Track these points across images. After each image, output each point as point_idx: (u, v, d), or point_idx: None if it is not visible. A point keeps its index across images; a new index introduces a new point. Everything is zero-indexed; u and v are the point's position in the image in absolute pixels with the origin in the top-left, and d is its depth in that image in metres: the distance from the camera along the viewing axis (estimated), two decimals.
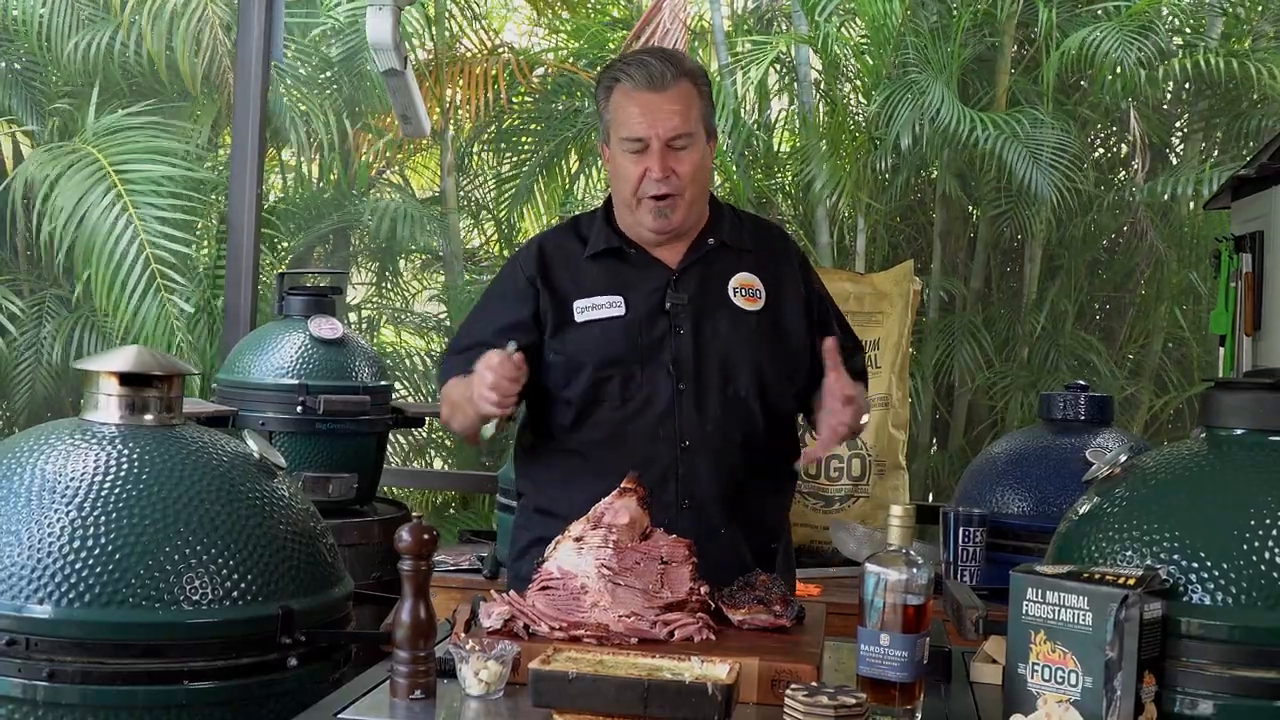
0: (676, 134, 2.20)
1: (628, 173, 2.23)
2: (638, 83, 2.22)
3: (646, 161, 2.21)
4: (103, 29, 6.15)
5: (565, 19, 7.07)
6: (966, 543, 3.15)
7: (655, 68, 2.21)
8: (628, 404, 2.25)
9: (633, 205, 2.25)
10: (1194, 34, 6.28)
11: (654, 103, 2.20)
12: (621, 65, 2.26)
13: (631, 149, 2.22)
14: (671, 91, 2.21)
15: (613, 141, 2.27)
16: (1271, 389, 1.82)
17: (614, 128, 2.25)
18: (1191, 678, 1.66)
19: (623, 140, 2.23)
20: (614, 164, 2.28)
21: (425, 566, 1.73)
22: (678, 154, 2.21)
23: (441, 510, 6.12)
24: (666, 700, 1.55)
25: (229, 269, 4.31)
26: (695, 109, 2.23)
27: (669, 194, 2.21)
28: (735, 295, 2.30)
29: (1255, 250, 3.55)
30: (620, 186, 2.26)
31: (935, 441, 6.40)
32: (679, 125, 2.20)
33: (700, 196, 2.28)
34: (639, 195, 2.23)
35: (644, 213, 2.24)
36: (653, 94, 2.20)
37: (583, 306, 2.28)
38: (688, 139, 2.21)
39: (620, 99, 2.24)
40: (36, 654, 1.75)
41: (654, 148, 2.20)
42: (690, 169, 2.22)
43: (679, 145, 2.21)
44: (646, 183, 2.21)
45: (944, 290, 6.27)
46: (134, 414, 1.95)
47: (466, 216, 7.07)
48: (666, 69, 2.21)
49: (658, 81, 2.20)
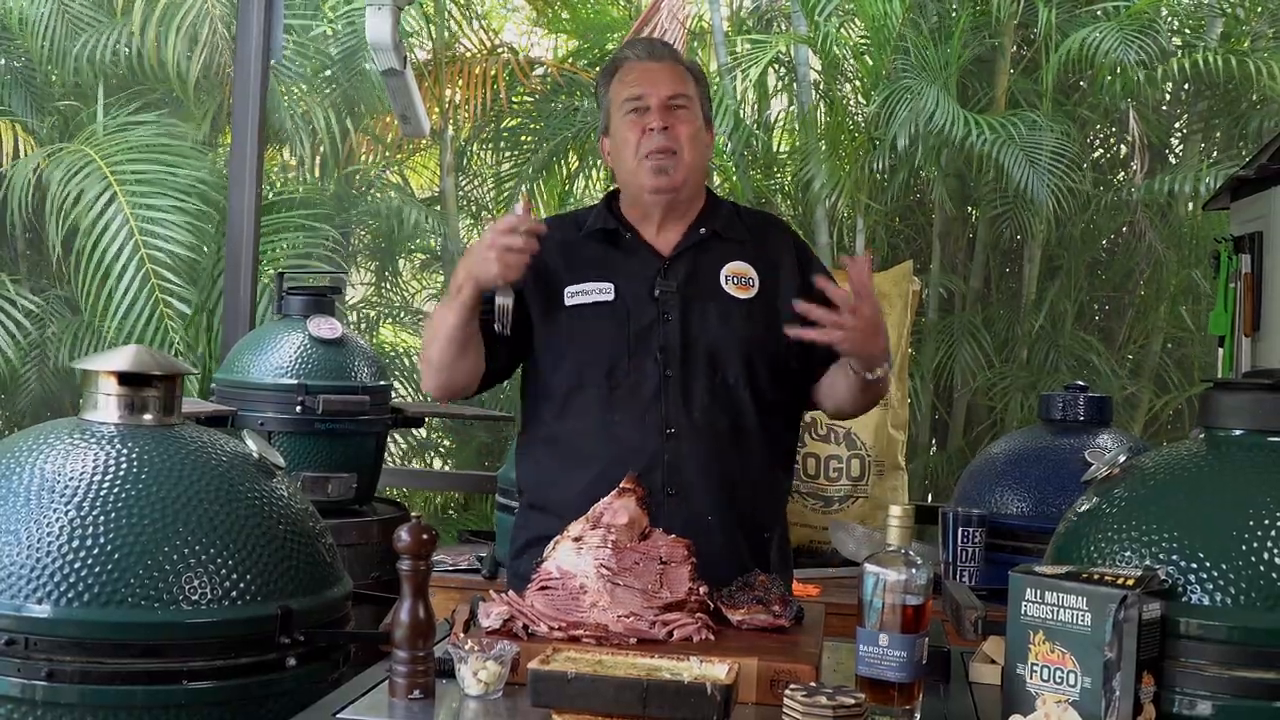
0: (674, 93, 2.30)
1: (629, 138, 2.30)
2: (639, 55, 2.35)
3: (646, 120, 2.28)
4: (105, 31, 6.13)
5: (565, 19, 7.07)
6: (965, 543, 3.15)
7: (656, 44, 2.40)
8: (614, 391, 2.26)
9: (634, 169, 2.30)
10: (1193, 34, 6.28)
11: (653, 69, 2.32)
12: (622, 48, 2.41)
13: (631, 108, 2.30)
14: (669, 63, 2.34)
15: (614, 116, 2.33)
16: (1270, 390, 1.82)
17: (615, 101, 2.33)
18: (1190, 678, 1.66)
19: (624, 104, 2.31)
20: (615, 140, 2.34)
21: (424, 566, 1.73)
22: (676, 113, 2.29)
23: (441, 510, 6.12)
24: (665, 700, 1.55)
25: (228, 269, 4.31)
26: (691, 86, 2.34)
27: (668, 149, 2.27)
28: (727, 283, 2.32)
29: (1254, 251, 3.55)
30: (623, 155, 2.32)
31: (934, 442, 6.40)
32: (677, 87, 2.31)
33: (698, 167, 2.33)
34: (639, 154, 2.28)
35: (644, 173, 2.28)
36: (652, 62, 2.33)
37: (572, 292, 2.30)
38: (685, 100, 2.31)
39: (621, 74, 2.35)
40: (35, 654, 1.74)
41: (653, 106, 2.29)
42: (688, 131, 2.30)
43: (677, 104, 2.30)
44: (646, 139, 2.27)
45: (943, 290, 6.27)
46: (133, 414, 1.95)
47: (466, 216, 7.07)
48: (666, 49, 2.38)
49: (657, 54, 2.35)
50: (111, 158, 5.54)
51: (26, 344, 5.98)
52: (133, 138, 5.72)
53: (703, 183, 2.39)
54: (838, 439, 3.69)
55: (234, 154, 4.33)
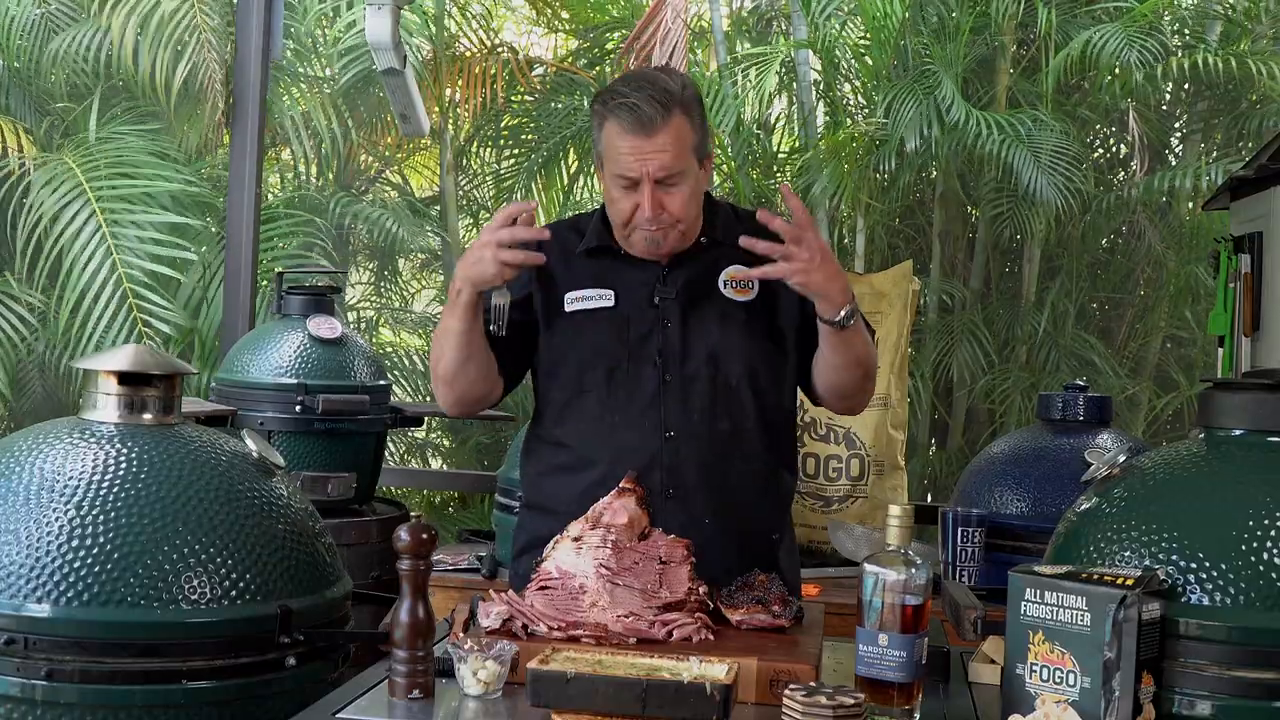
0: (666, 173, 2.18)
1: (620, 206, 2.23)
2: (627, 126, 2.17)
3: (637, 198, 2.20)
4: (81, 29, 6.03)
5: (565, 19, 7.06)
6: (965, 543, 3.15)
7: (644, 112, 2.16)
8: (614, 395, 2.27)
9: (626, 234, 2.27)
10: (1193, 36, 6.28)
11: (642, 146, 2.16)
12: (611, 100, 2.21)
13: (622, 185, 2.21)
14: (660, 134, 2.16)
15: (605, 171, 2.26)
16: (1270, 389, 1.83)
17: (606, 161, 2.24)
18: (1190, 678, 1.66)
19: (614, 177, 2.22)
20: (607, 191, 2.28)
21: (424, 566, 1.73)
22: (668, 190, 2.19)
23: (440, 510, 6.11)
24: (665, 700, 1.55)
25: (228, 269, 4.31)
26: (686, 142, 2.20)
27: (661, 222, 2.22)
28: (726, 287, 2.32)
29: (1254, 251, 3.55)
30: (613, 214, 2.27)
31: (934, 442, 6.39)
32: (669, 164, 2.17)
33: (693, 221, 2.28)
34: (630, 224, 2.24)
35: (636, 239, 2.26)
36: (642, 139, 2.16)
37: (573, 298, 2.31)
38: (678, 176, 2.19)
39: (610, 136, 2.21)
40: (35, 653, 1.74)
41: (644, 187, 2.18)
42: (681, 203, 2.21)
43: (670, 183, 2.19)
44: (638, 217, 2.21)
45: (943, 290, 6.26)
46: (133, 413, 1.95)
47: (466, 216, 7.07)
48: (655, 111, 2.16)
49: (646, 126, 2.16)
50: (94, 172, 5.46)
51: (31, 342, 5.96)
52: (113, 150, 5.63)
53: (699, 223, 2.31)
54: (838, 439, 3.69)
55: (234, 154, 4.33)
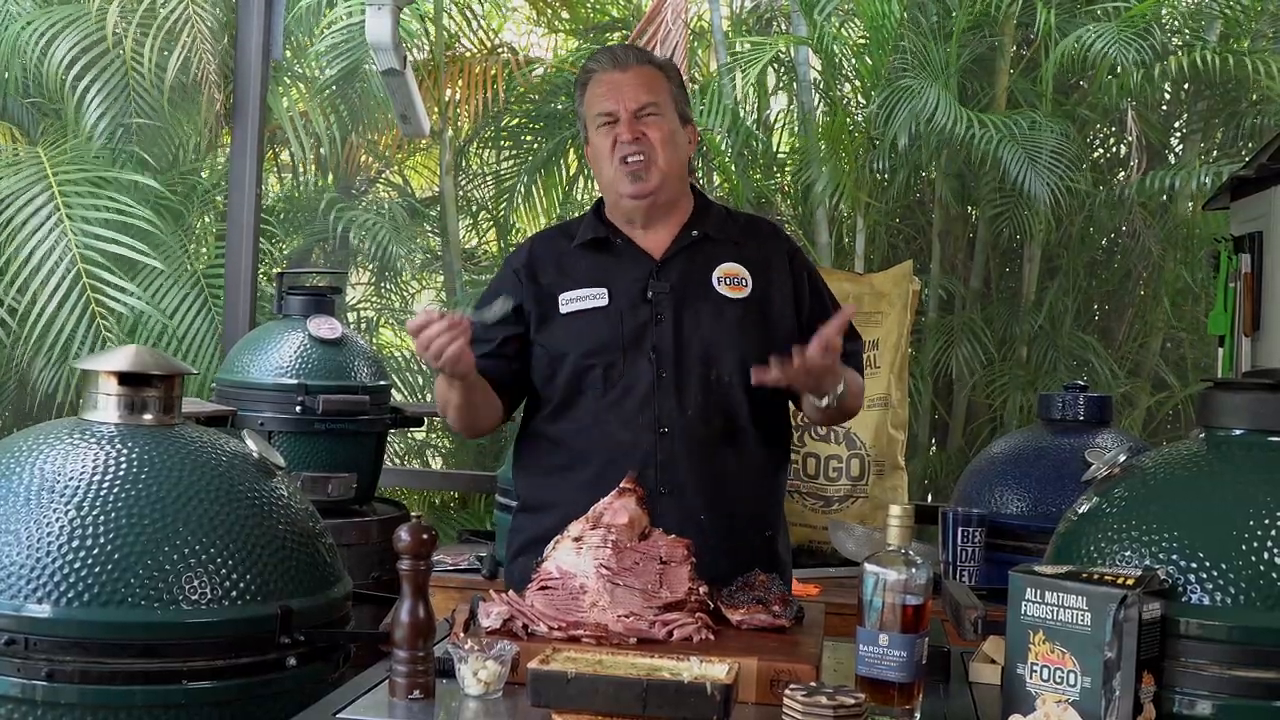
0: (641, 105, 2.31)
1: (604, 149, 2.33)
2: (604, 66, 2.35)
3: (618, 132, 2.30)
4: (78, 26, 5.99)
5: (565, 19, 7.06)
6: (965, 543, 3.15)
7: (619, 53, 2.37)
8: (609, 392, 2.29)
9: (611, 178, 2.32)
10: (1192, 35, 6.28)
11: (619, 80, 2.32)
12: (590, 59, 2.41)
13: (602, 123, 2.32)
14: (634, 70, 2.33)
15: (590, 128, 2.36)
16: (1270, 389, 1.83)
17: (589, 114, 2.36)
18: (1190, 678, 1.66)
19: (595, 119, 2.33)
20: (593, 152, 2.36)
21: (424, 566, 1.73)
22: (645, 120, 2.31)
23: (440, 510, 6.11)
24: (665, 700, 1.55)
25: (228, 269, 4.31)
26: (662, 88, 2.34)
27: (641, 155, 2.29)
28: (719, 284, 2.34)
29: (1254, 251, 3.56)
30: (600, 165, 2.35)
31: (934, 442, 6.39)
32: (643, 96, 2.32)
33: (675, 169, 2.34)
34: (614, 163, 2.30)
35: (620, 180, 2.31)
36: (618, 73, 2.33)
37: (568, 299, 2.33)
38: (654, 108, 2.32)
39: (591, 87, 2.36)
40: (35, 653, 1.75)
41: (622, 118, 2.30)
42: (660, 135, 2.31)
43: (646, 113, 2.31)
44: (619, 148, 2.30)
45: (943, 290, 6.27)
46: (133, 413, 1.95)
47: (466, 217, 7.07)
48: (629, 54, 2.37)
49: (621, 62, 2.34)
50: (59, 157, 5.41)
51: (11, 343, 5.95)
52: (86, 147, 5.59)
53: (684, 181, 2.40)
54: (838, 439, 3.70)
55: (234, 154, 4.33)
